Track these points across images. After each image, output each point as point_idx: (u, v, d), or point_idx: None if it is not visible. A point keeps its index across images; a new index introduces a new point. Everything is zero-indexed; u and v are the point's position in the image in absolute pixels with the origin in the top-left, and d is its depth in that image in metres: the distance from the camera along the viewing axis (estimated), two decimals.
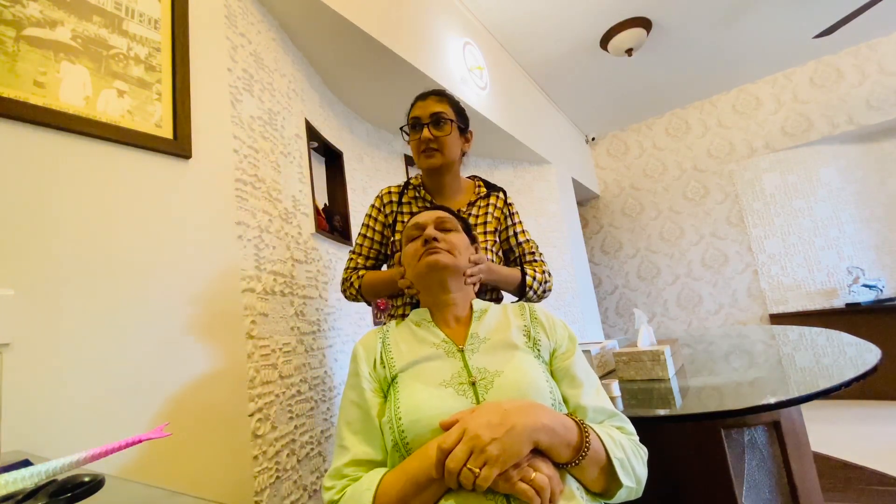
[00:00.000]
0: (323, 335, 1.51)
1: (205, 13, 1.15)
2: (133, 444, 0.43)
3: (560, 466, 0.59)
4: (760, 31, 3.19)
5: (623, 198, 4.66)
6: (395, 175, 2.50)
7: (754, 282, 3.94)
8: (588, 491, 0.63)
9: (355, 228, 2.00)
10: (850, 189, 3.74)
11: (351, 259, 1.24)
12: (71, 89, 0.81)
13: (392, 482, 0.60)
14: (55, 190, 0.77)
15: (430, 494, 0.58)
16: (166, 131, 0.97)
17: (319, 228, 1.61)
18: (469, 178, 1.30)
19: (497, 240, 1.22)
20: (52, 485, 0.36)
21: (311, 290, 1.48)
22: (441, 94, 1.17)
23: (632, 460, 0.64)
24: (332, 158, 1.97)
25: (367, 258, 1.23)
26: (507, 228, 1.24)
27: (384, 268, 1.27)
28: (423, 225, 0.85)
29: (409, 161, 2.60)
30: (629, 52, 2.99)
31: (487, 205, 1.23)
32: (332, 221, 1.84)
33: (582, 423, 0.62)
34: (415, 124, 1.14)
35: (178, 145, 0.98)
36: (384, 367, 0.74)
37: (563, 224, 3.45)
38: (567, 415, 0.65)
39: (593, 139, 4.77)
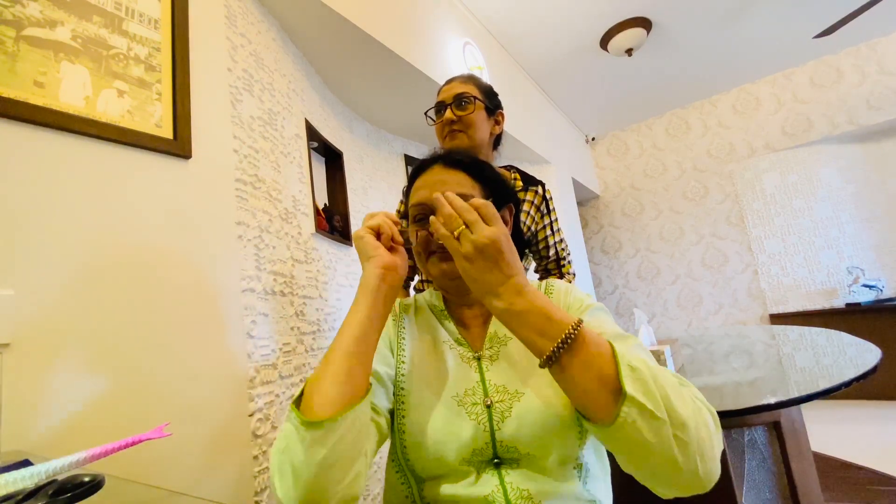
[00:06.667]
0: (323, 335, 1.50)
1: (205, 13, 1.15)
2: (133, 444, 0.43)
3: (546, 367, 0.45)
4: (760, 31, 3.19)
5: (623, 198, 4.66)
6: (395, 175, 2.49)
7: (754, 282, 3.94)
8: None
9: (355, 228, 2.00)
10: (850, 189, 3.74)
11: None
12: (71, 89, 0.81)
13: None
14: (55, 190, 0.77)
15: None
16: (166, 131, 0.97)
17: (319, 228, 1.61)
18: (504, 167, 1.15)
19: (528, 250, 1.11)
20: (52, 485, 0.36)
21: (311, 290, 1.48)
22: (466, 77, 1.13)
23: (660, 380, 0.43)
24: (332, 158, 1.97)
25: None
26: (542, 228, 1.12)
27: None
28: (425, 208, 0.63)
29: (408, 161, 2.60)
30: (629, 52, 2.99)
31: (522, 201, 1.10)
32: (332, 221, 1.84)
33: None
34: (439, 108, 1.10)
35: (178, 145, 0.98)
36: (391, 352, 0.65)
37: (563, 224, 3.43)
38: None
39: (593, 139, 4.77)
